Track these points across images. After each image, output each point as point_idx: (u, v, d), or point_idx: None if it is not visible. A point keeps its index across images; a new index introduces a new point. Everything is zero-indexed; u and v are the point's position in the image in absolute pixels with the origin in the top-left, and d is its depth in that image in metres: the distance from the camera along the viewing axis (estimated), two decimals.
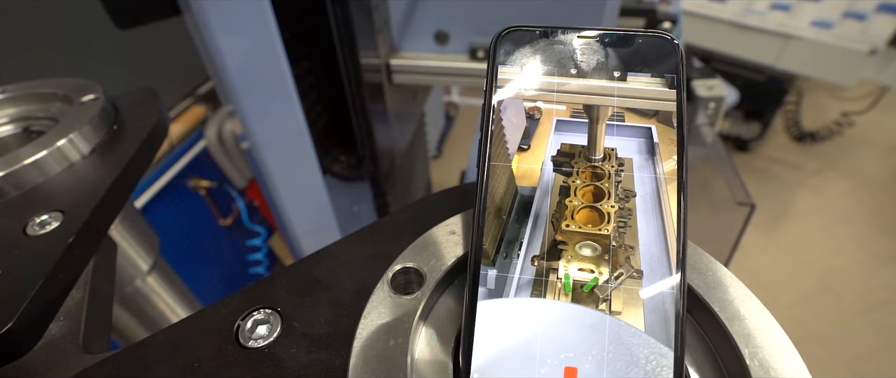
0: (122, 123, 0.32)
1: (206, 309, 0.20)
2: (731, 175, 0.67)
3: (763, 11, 1.81)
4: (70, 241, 0.23)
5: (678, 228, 0.17)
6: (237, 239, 1.33)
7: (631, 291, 0.17)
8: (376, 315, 0.17)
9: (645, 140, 0.18)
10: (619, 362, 0.16)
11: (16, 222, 0.24)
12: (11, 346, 0.20)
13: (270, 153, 0.64)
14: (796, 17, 1.76)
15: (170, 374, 0.18)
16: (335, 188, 0.93)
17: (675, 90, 0.18)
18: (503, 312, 0.17)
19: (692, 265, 0.19)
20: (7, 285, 0.21)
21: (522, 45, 0.19)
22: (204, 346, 0.18)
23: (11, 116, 0.32)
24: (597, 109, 0.18)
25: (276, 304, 0.20)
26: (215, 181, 1.21)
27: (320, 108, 0.85)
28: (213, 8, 0.46)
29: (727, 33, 1.91)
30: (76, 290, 0.23)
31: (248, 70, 0.54)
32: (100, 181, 0.27)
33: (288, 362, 0.18)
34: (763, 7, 1.80)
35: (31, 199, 0.26)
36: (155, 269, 0.39)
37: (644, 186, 0.17)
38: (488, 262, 0.17)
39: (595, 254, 0.17)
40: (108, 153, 0.29)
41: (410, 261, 0.19)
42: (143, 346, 0.19)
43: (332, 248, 0.22)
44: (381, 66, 0.84)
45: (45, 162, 0.28)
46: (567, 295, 0.17)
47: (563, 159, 0.18)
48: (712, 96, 0.71)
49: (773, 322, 0.17)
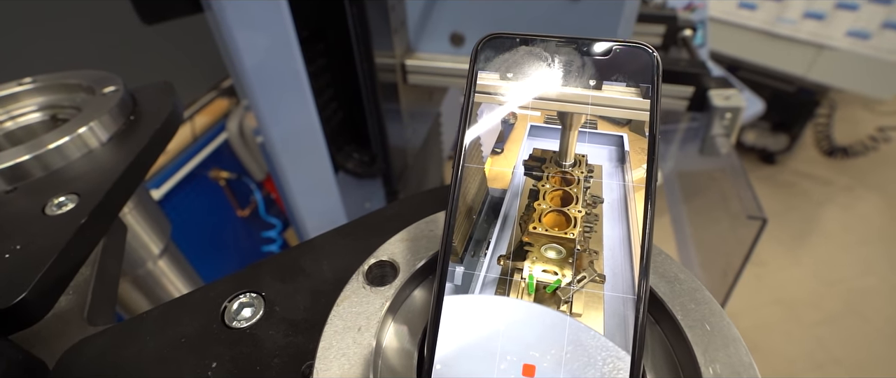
0: (138, 114, 0.34)
1: (197, 290, 0.21)
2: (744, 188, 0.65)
3: (795, 20, 1.74)
4: (82, 222, 0.25)
5: (643, 236, 0.17)
6: (253, 230, 1.37)
7: (592, 295, 0.17)
8: (348, 304, 0.18)
9: (616, 148, 0.18)
10: (577, 363, 0.16)
11: (36, 202, 0.26)
12: (24, 314, 0.22)
13: (283, 148, 0.66)
14: (830, 27, 1.69)
15: (159, 346, 0.19)
16: (348, 184, 0.95)
17: (649, 100, 0.18)
18: (468, 308, 0.17)
19: (661, 273, 0.19)
20: (24, 259, 0.23)
21: (503, 51, 0.19)
22: (192, 324, 0.20)
23: (40, 105, 0.35)
24: (570, 116, 0.18)
25: (261, 289, 0.21)
26: (235, 173, 1.25)
27: (335, 106, 0.87)
28: (231, 6, 0.48)
29: (756, 42, 1.85)
30: (85, 267, 0.25)
31: (263, 67, 0.56)
32: (114, 168, 0.29)
33: (266, 343, 0.19)
34: (795, 15, 1.74)
35: (51, 181, 0.28)
36: (166, 253, 0.41)
37: (612, 193, 0.18)
38: (457, 260, 0.18)
39: (560, 256, 0.17)
40: (123, 141, 0.31)
41: (386, 255, 0.20)
42: (137, 320, 0.20)
43: (318, 240, 0.23)
44: (396, 65, 0.85)
45: (67, 148, 0.30)
46: (530, 295, 0.17)
47: (534, 163, 0.19)
48: (729, 106, 0.69)
49: (736, 334, 0.17)
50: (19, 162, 0.28)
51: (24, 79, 0.35)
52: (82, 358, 0.19)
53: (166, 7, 0.52)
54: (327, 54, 0.78)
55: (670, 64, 0.77)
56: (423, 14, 0.86)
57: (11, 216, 0.26)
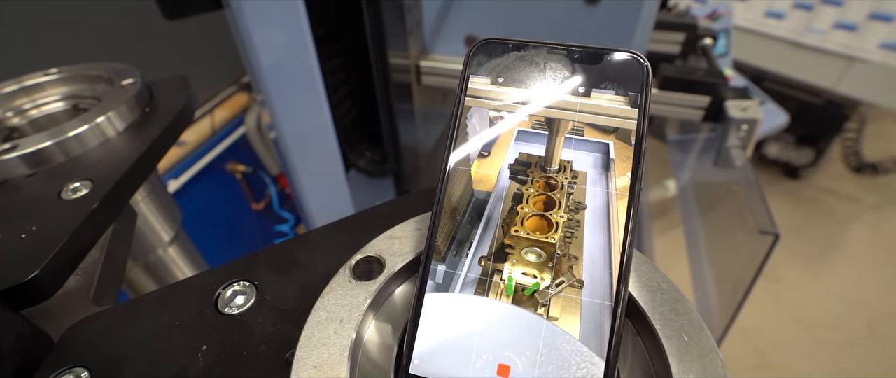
0: (154, 106, 0.35)
1: (195, 276, 0.22)
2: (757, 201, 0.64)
3: (824, 30, 1.69)
4: (94, 207, 0.26)
5: (624, 242, 0.17)
6: (267, 223, 1.40)
7: (570, 300, 0.17)
8: (333, 296, 0.19)
9: (601, 155, 0.18)
10: (551, 366, 0.17)
11: (53, 186, 0.28)
12: (35, 291, 0.23)
13: (295, 145, 0.68)
14: (862, 38, 1.63)
15: (155, 327, 0.20)
16: (360, 182, 0.96)
17: (636, 109, 0.18)
18: (448, 306, 0.18)
19: (644, 282, 0.19)
20: (38, 240, 0.24)
21: (495, 56, 0.20)
22: (187, 309, 0.21)
23: (63, 94, 0.37)
24: (557, 122, 0.19)
25: (255, 278, 0.22)
26: (251, 166, 1.28)
27: (350, 104, 0.88)
28: (248, 4, 0.50)
29: (783, 52, 1.80)
30: (95, 250, 0.27)
31: (278, 64, 0.57)
32: (127, 157, 0.30)
33: (254, 330, 0.20)
34: (825, 26, 1.68)
35: (69, 167, 0.30)
36: (176, 240, 0.42)
37: (595, 200, 0.18)
38: (439, 259, 0.18)
39: (540, 260, 0.18)
40: (138, 132, 0.33)
41: (373, 251, 0.20)
42: (136, 302, 0.21)
43: (314, 234, 0.24)
44: (411, 66, 0.86)
45: (85, 136, 0.31)
46: (508, 296, 0.17)
47: (519, 168, 0.19)
48: (745, 118, 0.68)
49: (713, 345, 0.17)
50: (41, 148, 0.30)
51: (51, 69, 0.37)
52: (84, 334, 0.20)
53: (187, 3, 0.54)
54: (343, 54, 0.80)
55: (687, 73, 0.76)
56: (439, 16, 0.87)
57: (30, 198, 0.27)
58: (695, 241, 1.03)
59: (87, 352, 0.19)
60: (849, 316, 1.67)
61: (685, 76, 0.75)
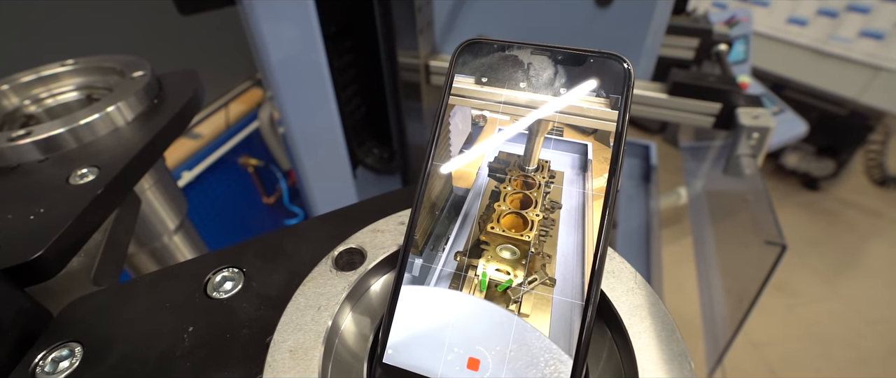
0: (162, 98, 0.36)
1: (187, 261, 0.23)
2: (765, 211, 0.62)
3: (849, 39, 1.64)
4: (98, 193, 0.27)
5: (597, 243, 0.17)
6: (277, 217, 1.42)
7: (542, 297, 0.17)
8: (313, 285, 0.19)
9: (579, 156, 0.19)
10: (520, 361, 0.17)
11: (62, 172, 0.29)
12: (40, 270, 0.24)
13: (303, 141, 0.69)
14: (889, 47, 1.58)
15: (146, 308, 0.21)
16: (367, 180, 0.97)
17: (616, 110, 0.18)
18: (422, 299, 0.18)
19: (619, 283, 0.19)
20: (45, 222, 0.25)
21: (480, 56, 0.20)
22: (178, 291, 0.22)
23: (77, 84, 0.38)
24: (537, 122, 0.19)
25: (243, 265, 0.23)
26: (263, 161, 1.31)
27: (358, 101, 0.90)
28: (260, 1, 0.51)
29: (805, 60, 1.75)
30: (98, 233, 0.28)
31: (288, 61, 0.58)
32: (133, 145, 0.31)
33: (239, 315, 0.20)
34: (850, 34, 1.63)
35: (78, 154, 0.31)
36: (181, 229, 0.44)
37: (571, 200, 0.18)
38: (417, 252, 0.19)
39: (514, 257, 0.18)
40: (145, 122, 0.34)
41: (356, 243, 0.21)
42: (131, 284, 0.22)
43: (302, 225, 0.25)
44: (420, 66, 0.87)
45: (96, 124, 0.33)
46: (481, 292, 0.18)
47: (498, 166, 0.19)
48: (756, 126, 0.67)
49: (684, 349, 0.17)
50: (54, 134, 0.31)
51: (67, 60, 0.39)
52: (80, 311, 0.21)
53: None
54: (353, 51, 0.81)
55: (698, 79, 0.74)
56: (450, 16, 0.87)
57: (40, 182, 0.29)
58: (704, 250, 1.02)
59: (82, 328, 0.20)
60: (866, 334, 1.62)
61: (696, 82, 0.74)
